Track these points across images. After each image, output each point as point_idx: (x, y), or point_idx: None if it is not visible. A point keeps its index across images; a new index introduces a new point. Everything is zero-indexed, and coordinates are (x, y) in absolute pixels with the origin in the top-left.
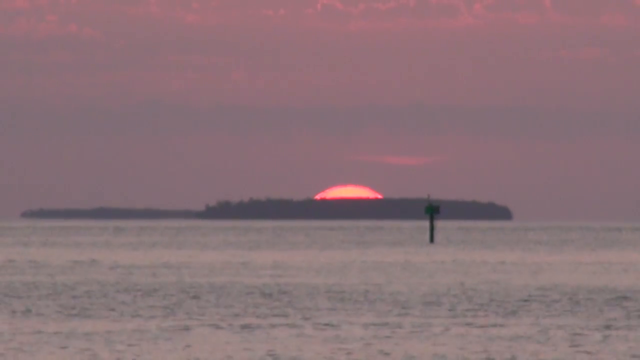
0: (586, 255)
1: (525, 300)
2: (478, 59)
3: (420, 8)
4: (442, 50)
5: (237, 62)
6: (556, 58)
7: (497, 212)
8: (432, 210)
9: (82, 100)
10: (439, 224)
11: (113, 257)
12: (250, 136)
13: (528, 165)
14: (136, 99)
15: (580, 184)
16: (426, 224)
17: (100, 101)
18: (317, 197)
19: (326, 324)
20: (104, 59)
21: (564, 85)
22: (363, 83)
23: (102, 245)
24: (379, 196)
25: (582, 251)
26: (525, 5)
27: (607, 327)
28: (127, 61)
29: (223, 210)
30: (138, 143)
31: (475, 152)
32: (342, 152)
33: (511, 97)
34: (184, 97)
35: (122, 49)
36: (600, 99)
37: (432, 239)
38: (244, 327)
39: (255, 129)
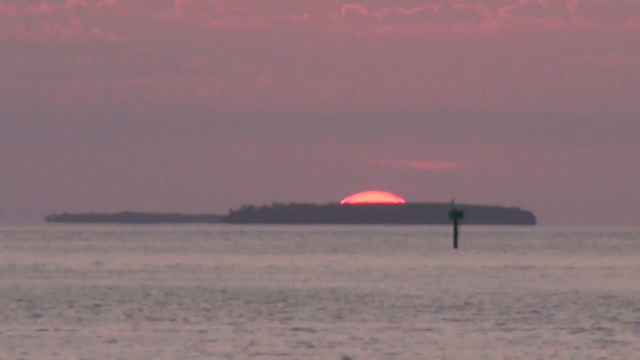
0: (609, 260)
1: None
2: (502, 63)
3: (444, 13)
4: (466, 55)
5: (261, 67)
6: (581, 63)
7: (521, 217)
8: (456, 215)
9: (106, 104)
10: (463, 228)
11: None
12: (274, 141)
13: (552, 170)
14: (160, 103)
15: (605, 189)
16: (450, 228)
17: (125, 106)
18: (342, 202)
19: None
20: (128, 63)
21: (588, 90)
22: (387, 88)
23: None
24: (403, 201)
25: (605, 256)
26: (549, 11)
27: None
28: (152, 66)
29: (247, 215)
30: (162, 147)
31: (499, 157)
32: (366, 157)
33: (535, 102)
34: (208, 102)
35: (147, 54)
36: (625, 105)
37: (455, 244)
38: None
39: (279, 134)
